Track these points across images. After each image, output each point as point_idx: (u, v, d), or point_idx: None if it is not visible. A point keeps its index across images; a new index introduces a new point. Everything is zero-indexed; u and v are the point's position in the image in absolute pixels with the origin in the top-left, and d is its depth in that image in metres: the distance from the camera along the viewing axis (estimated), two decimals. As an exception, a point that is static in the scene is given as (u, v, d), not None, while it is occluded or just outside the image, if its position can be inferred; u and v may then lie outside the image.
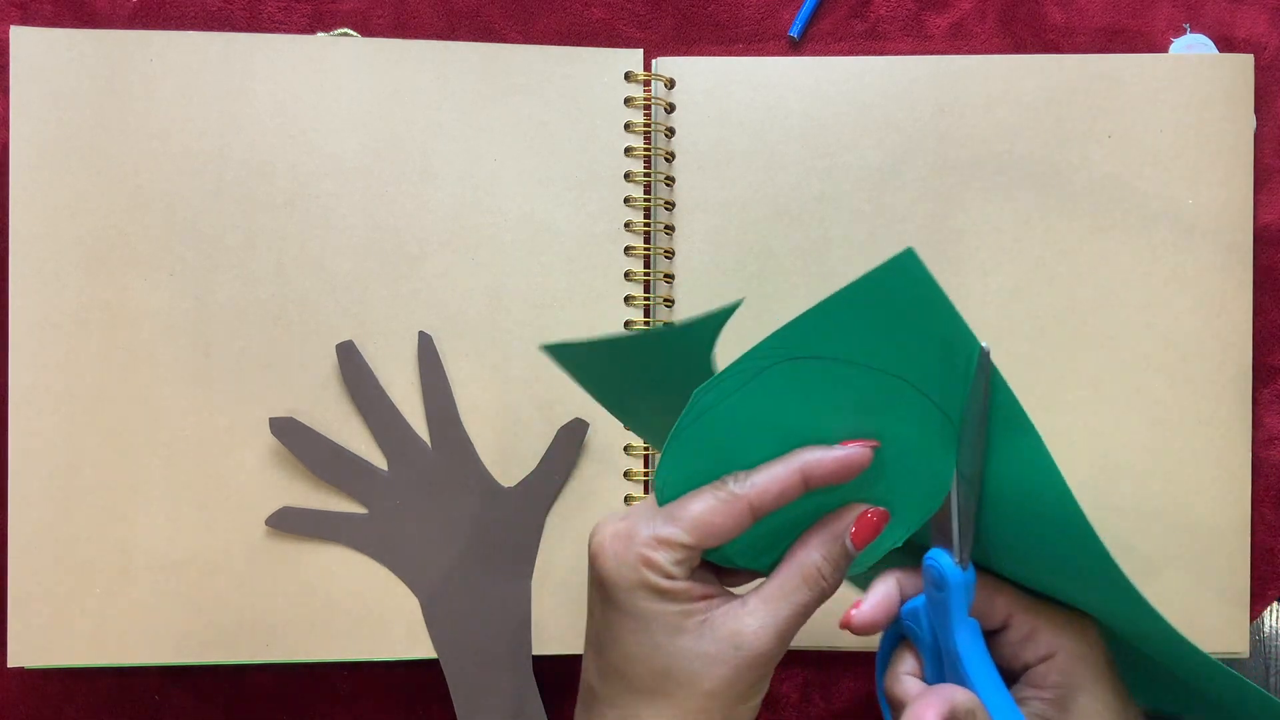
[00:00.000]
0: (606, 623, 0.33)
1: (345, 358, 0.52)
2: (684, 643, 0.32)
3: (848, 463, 0.32)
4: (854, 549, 0.34)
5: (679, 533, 0.32)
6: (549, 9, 0.56)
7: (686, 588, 0.32)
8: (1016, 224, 0.54)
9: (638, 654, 0.32)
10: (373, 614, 0.53)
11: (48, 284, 0.52)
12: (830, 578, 0.34)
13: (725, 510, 0.32)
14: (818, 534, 0.34)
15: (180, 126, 0.52)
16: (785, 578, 0.33)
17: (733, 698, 0.32)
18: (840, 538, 0.34)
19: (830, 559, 0.34)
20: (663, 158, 0.54)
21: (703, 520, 0.32)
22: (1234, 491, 0.53)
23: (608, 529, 0.33)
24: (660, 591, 0.32)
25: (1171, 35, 0.56)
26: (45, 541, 0.51)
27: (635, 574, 0.32)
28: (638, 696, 0.32)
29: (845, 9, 0.56)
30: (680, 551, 0.32)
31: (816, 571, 0.33)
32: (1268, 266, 0.55)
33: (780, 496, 0.32)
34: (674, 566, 0.32)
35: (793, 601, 0.33)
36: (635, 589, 0.32)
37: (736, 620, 0.32)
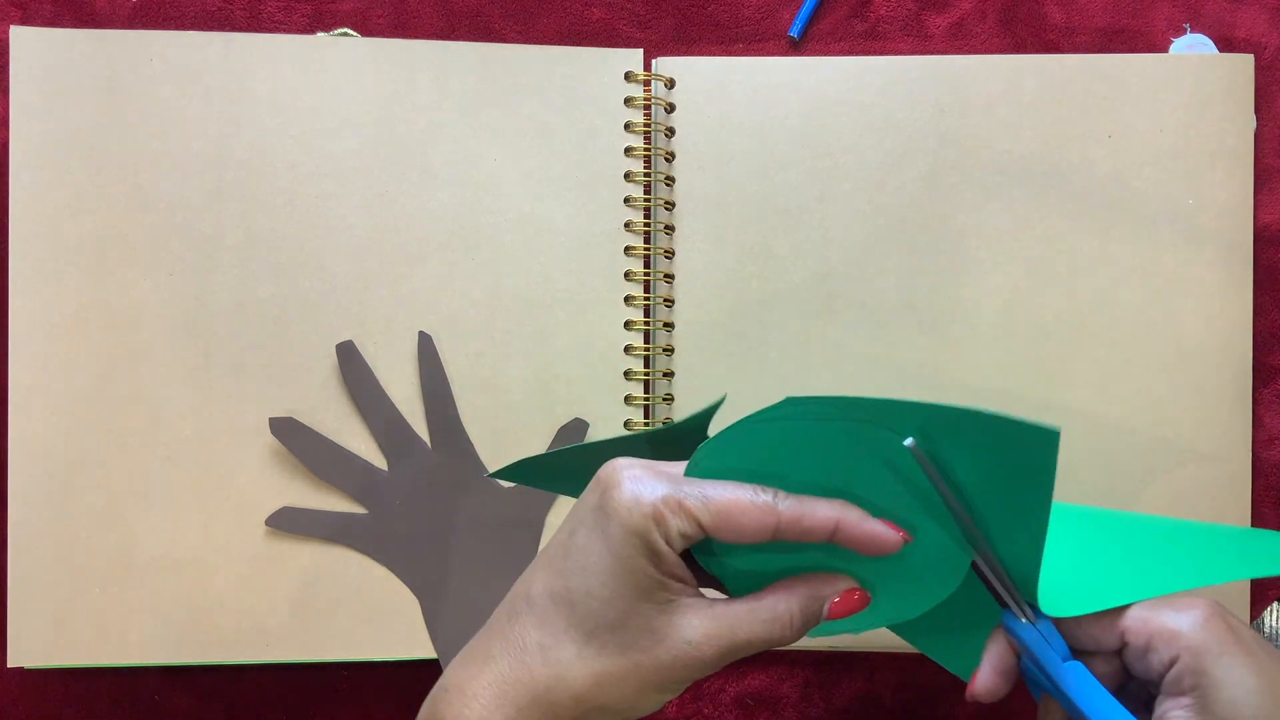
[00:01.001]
0: (586, 551, 0.32)
1: (345, 358, 0.52)
2: (644, 610, 0.31)
3: (879, 539, 0.32)
4: (826, 616, 0.33)
5: (701, 509, 0.31)
6: (549, 9, 0.56)
7: (675, 562, 0.32)
8: (1016, 224, 0.54)
9: (600, 595, 0.31)
10: (373, 614, 0.53)
11: (48, 284, 0.52)
12: (794, 630, 0.33)
13: (755, 515, 0.31)
14: (805, 586, 0.33)
15: (180, 126, 0.52)
16: (758, 608, 0.33)
17: (655, 683, 0.32)
18: (821, 600, 0.33)
19: (804, 614, 0.33)
20: (663, 158, 0.54)
21: (729, 512, 0.31)
22: (1234, 491, 0.53)
23: (633, 467, 0.32)
24: (654, 552, 0.31)
25: (1171, 35, 0.56)
26: (45, 541, 0.51)
27: (643, 522, 0.31)
28: (574, 631, 0.31)
29: (845, 9, 0.56)
30: (692, 526, 0.31)
31: (788, 618, 0.33)
32: (1268, 266, 0.55)
33: (807, 532, 0.32)
34: (679, 537, 0.31)
35: (752, 631, 0.32)
36: (633, 535, 0.31)
37: (697, 618, 0.32)
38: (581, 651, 0.31)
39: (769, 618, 0.32)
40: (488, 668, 0.32)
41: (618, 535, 0.31)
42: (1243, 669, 0.32)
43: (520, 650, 0.32)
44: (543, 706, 0.31)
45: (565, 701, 0.31)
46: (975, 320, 0.53)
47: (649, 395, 0.54)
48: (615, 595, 0.31)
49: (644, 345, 0.54)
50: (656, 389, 0.54)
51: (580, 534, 0.32)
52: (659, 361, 0.54)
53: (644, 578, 0.31)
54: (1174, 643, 0.33)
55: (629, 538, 0.31)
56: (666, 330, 0.54)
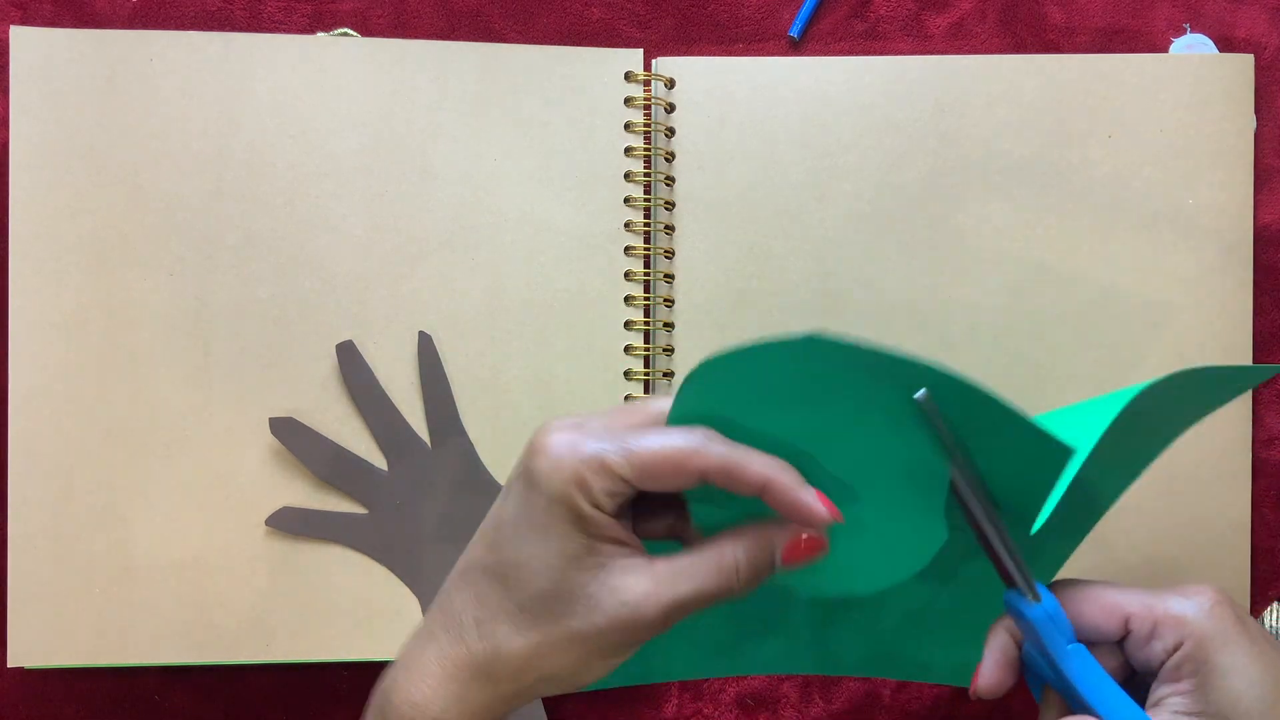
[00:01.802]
0: (515, 522, 0.31)
1: (345, 358, 0.52)
2: (576, 575, 0.30)
3: (807, 510, 0.31)
4: (780, 564, 0.32)
5: (621, 463, 0.30)
6: (549, 9, 0.56)
7: (605, 523, 0.31)
8: (1016, 224, 0.54)
9: (529, 565, 0.30)
10: (373, 614, 0.53)
11: (48, 284, 0.52)
12: (744, 579, 0.32)
13: (677, 461, 0.30)
14: (751, 533, 0.32)
15: (180, 126, 0.52)
16: (700, 560, 0.31)
17: (594, 649, 0.31)
18: (771, 547, 0.32)
19: (752, 562, 0.32)
20: (663, 158, 0.54)
21: (651, 461, 0.30)
22: (1234, 491, 0.53)
23: (556, 431, 0.31)
24: (579, 516, 0.30)
25: (1171, 35, 0.56)
26: (45, 541, 0.51)
27: (564, 488, 0.30)
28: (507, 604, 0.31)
29: (845, 9, 0.56)
30: (615, 483, 0.30)
31: (734, 567, 0.31)
32: (1268, 266, 0.55)
33: (735, 483, 0.30)
34: (604, 496, 0.30)
35: (696, 584, 0.31)
36: (557, 502, 0.30)
37: (634, 578, 0.30)
38: (516, 624, 0.31)
39: (713, 568, 0.31)
40: (431, 645, 0.32)
41: (541, 503, 0.30)
42: (1247, 658, 0.31)
43: (459, 627, 0.31)
44: (484, 680, 0.31)
45: (505, 674, 0.31)
46: (975, 320, 0.53)
47: (649, 395, 0.54)
48: (544, 565, 0.30)
49: (644, 345, 0.54)
50: (656, 389, 0.54)
51: (509, 503, 0.32)
52: (659, 361, 0.54)
53: (572, 544, 0.30)
54: (1180, 629, 0.32)
55: (552, 505, 0.30)
56: (666, 330, 0.54)
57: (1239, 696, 0.31)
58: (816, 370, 0.31)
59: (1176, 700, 0.32)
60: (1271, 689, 0.31)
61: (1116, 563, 0.53)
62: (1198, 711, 0.32)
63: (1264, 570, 0.55)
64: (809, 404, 0.32)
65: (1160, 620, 0.33)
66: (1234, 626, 0.32)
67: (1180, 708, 0.32)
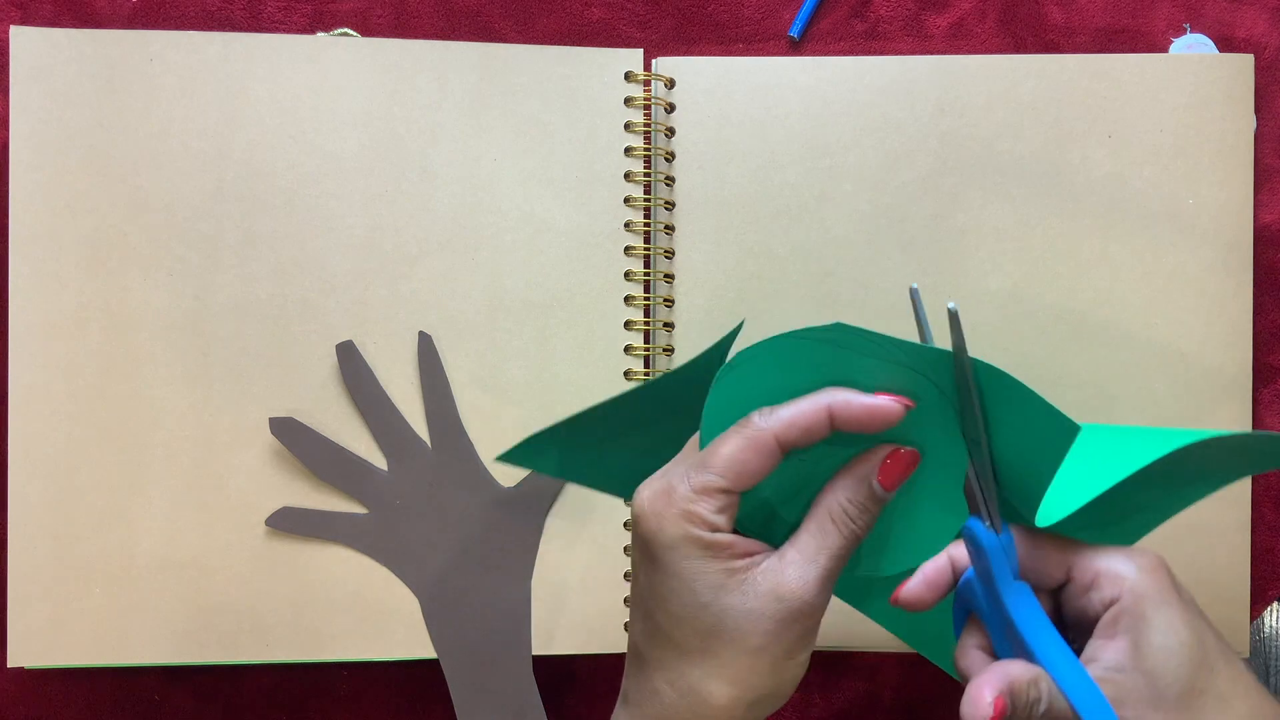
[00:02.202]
0: (651, 585, 0.33)
1: (345, 358, 0.52)
2: (729, 600, 0.32)
3: (877, 411, 0.32)
4: (882, 490, 0.33)
5: (714, 478, 0.32)
6: (549, 9, 0.56)
7: (730, 541, 0.32)
8: (1016, 224, 0.54)
9: (683, 615, 0.32)
10: (373, 614, 0.53)
11: (48, 284, 0.52)
12: (858, 519, 0.33)
13: (753, 445, 0.32)
14: (842, 477, 0.34)
15: (180, 126, 0.52)
16: (815, 525, 0.33)
17: (780, 653, 0.32)
18: (866, 479, 0.33)
19: (856, 501, 0.33)
20: (663, 158, 0.54)
21: (734, 460, 0.32)
22: (1234, 491, 0.53)
23: (646, 490, 0.33)
24: (704, 545, 0.32)
25: (1171, 35, 0.56)
26: (45, 541, 0.51)
27: (678, 529, 0.32)
28: (686, 657, 0.32)
29: (845, 9, 0.56)
30: (720, 498, 0.32)
31: (842, 513, 0.33)
32: (1268, 266, 0.55)
33: (806, 432, 0.32)
34: (715, 515, 0.32)
35: (827, 547, 0.33)
36: (679, 545, 0.32)
37: (777, 574, 0.32)
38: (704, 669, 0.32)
39: (829, 524, 0.33)
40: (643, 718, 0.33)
41: (666, 556, 0.32)
42: (1179, 621, 0.33)
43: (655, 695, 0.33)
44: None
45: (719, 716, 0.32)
46: (975, 320, 0.53)
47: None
48: (698, 607, 0.32)
49: (644, 345, 0.54)
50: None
51: (641, 574, 0.33)
52: (659, 361, 0.54)
53: (710, 575, 0.32)
54: (1118, 584, 0.33)
55: (675, 550, 0.32)
56: (666, 330, 0.54)
57: (1169, 655, 0.32)
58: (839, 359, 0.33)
59: (1109, 656, 0.33)
60: (1199, 651, 0.32)
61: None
62: (1128, 668, 0.32)
63: (1264, 570, 0.55)
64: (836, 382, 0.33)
65: (1102, 572, 0.34)
66: (1169, 590, 0.33)
67: (1112, 664, 0.33)
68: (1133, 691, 0.32)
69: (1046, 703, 0.32)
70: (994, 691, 0.31)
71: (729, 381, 0.34)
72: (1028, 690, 0.32)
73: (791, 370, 0.33)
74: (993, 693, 0.31)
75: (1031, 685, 0.32)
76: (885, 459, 0.34)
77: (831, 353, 0.33)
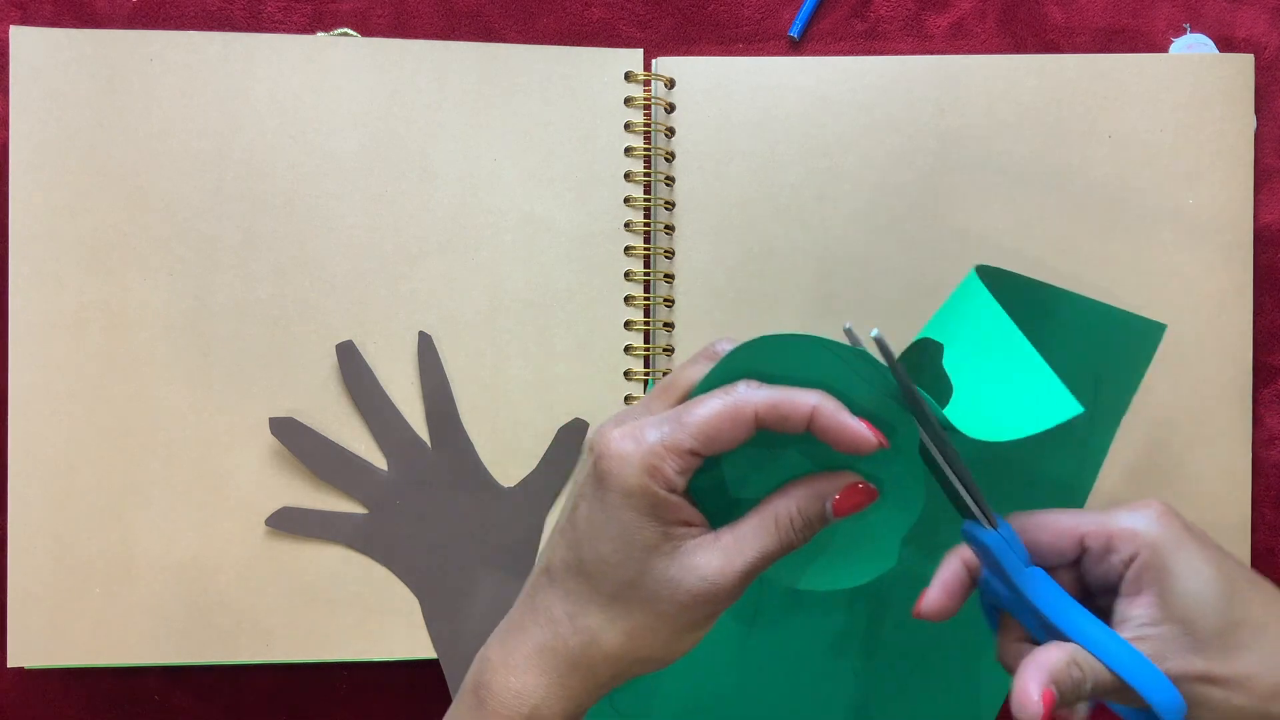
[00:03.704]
0: (590, 520, 0.33)
1: (345, 358, 0.52)
2: (656, 562, 0.32)
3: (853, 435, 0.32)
4: (831, 515, 0.34)
5: (687, 438, 0.32)
6: (549, 9, 0.56)
7: (679, 504, 0.32)
8: (1016, 224, 0.54)
9: (611, 559, 0.32)
10: (373, 614, 0.53)
11: (48, 284, 0.52)
12: (799, 532, 0.33)
13: (732, 414, 0.32)
14: (801, 486, 0.34)
15: (180, 126, 0.52)
16: (759, 523, 0.33)
17: (681, 626, 0.33)
18: (822, 497, 0.34)
19: (804, 513, 0.33)
20: (663, 157, 0.54)
21: (710, 424, 0.32)
22: (1234, 492, 0.53)
23: (617, 429, 0.33)
24: (656, 502, 0.32)
25: (1171, 35, 0.56)
26: (45, 541, 0.51)
27: (638, 479, 0.32)
28: (596, 598, 0.33)
29: (845, 9, 0.56)
30: (686, 459, 0.32)
31: (788, 520, 0.33)
32: (1268, 266, 0.55)
33: (785, 420, 0.32)
34: (677, 476, 0.32)
35: (761, 546, 0.33)
36: (634, 494, 0.32)
37: (707, 553, 0.32)
38: (608, 614, 0.32)
39: (772, 528, 0.33)
40: (525, 640, 0.33)
41: (616, 500, 0.32)
42: (1199, 560, 0.33)
43: (551, 622, 0.33)
44: (581, 670, 0.33)
45: (601, 662, 0.33)
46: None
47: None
48: (626, 557, 0.32)
49: (644, 345, 0.54)
50: (656, 389, 0.54)
51: (583, 506, 0.33)
52: (659, 361, 0.54)
53: (650, 533, 0.32)
54: (1134, 540, 0.34)
55: (628, 499, 0.32)
56: (666, 330, 0.54)
57: (1197, 598, 0.32)
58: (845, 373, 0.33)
59: (1139, 613, 0.33)
60: (1226, 585, 0.33)
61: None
62: (1161, 620, 0.33)
63: (1264, 570, 0.55)
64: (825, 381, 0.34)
65: (1114, 534, 0.34)
66: (1183, 532, 0.34)
67: (1144, 619, 0.33)
68: (1171, 642, 0.32)
69: (1091, 679, 0.32)
70: (1039, 686, 0.31)
71: (738, 357, 0.34)
72: (1069, 672, 0.32)
73: (798, 368, 0.34)
74: (1038, 688, 0.31)
75: (1071, 666, 0.32)
76: (847, 486, 0.34)
77: (840, 365, 0.33)
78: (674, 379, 0.35)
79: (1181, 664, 0.32)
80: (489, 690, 0.33)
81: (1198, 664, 0.32)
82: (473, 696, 0.34)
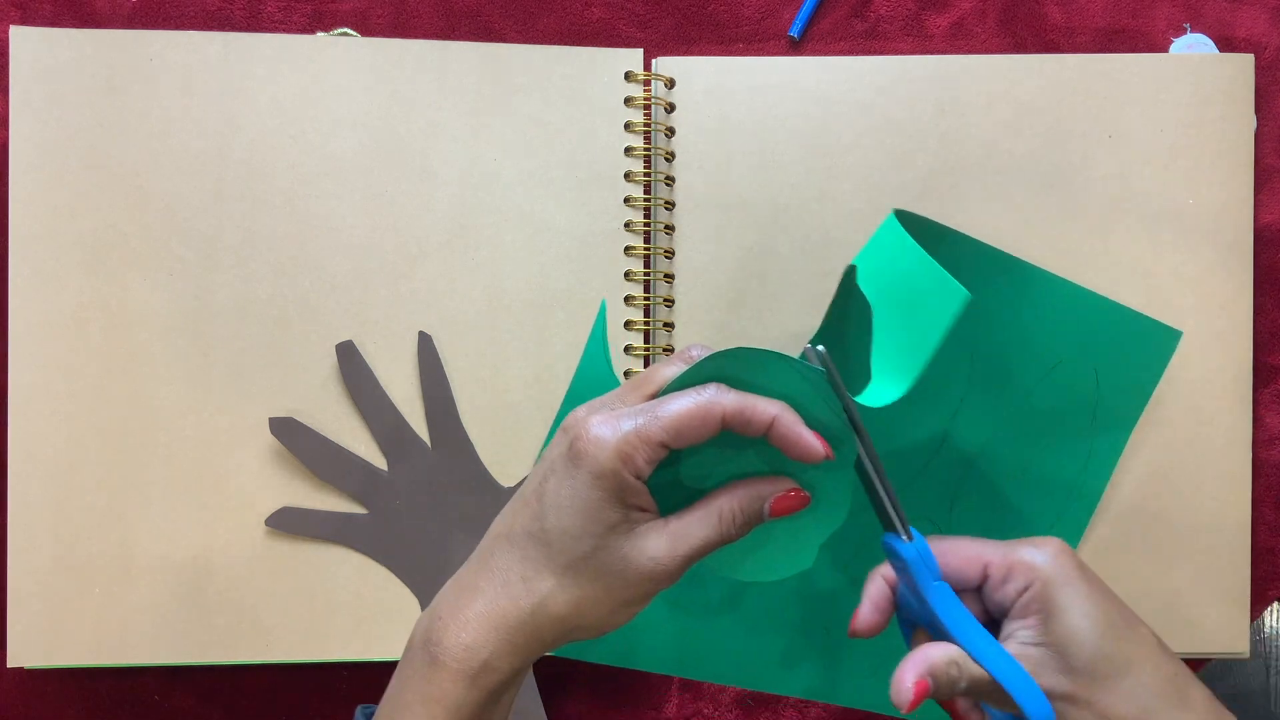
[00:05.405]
0: (559, 494, 0.35)
1: (345, 358, 0.52)
2: (613, 540, 0.35)
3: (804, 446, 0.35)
4: (768, 514, 0.37)
5: (659, 431, 0.34)
6: (549, 9, 0.56)
7: (641, 490, 0.35)
8: (1016, 224, 0.54)
9: (572, 532, 0.35)
10: (373, 614, 0.53)
11: (48, 284, 0.52)
12: (737, 527, 0.36)
13: (702, 414, 0.35)
14: (744, 486, 0.37)
15: (180, 126, 0.52)
16: (703, 514, 0.36)
17: (621, 600, 0.36)
18: (762, 498, 0.37)
19: (744, 510, 0.36)
20: (663, 157, 0.54)
21: (680, 420, 0.34)
22: (1234, 491, 0.53)
23: (596, 415, 0.36)
24: (622, 486, 0.34)
25: (1171, 35, 0.56)
26: (45, 541, 0.51)
27: (611, 463, 0.34)
28: (550, 565, 0.35)
29: (845, 9, 0.56)
30: (656, 450, 0.35)
31: (730, 515, 0.36)
32: (1268, 266, 0.55)
33: (747, 425, 0.35)
34: (645, 465, 0.35)
35: (703, 535, 0.36)
36: (604, 476, 0.34)
37: (656, 537, 0.35)
38: (561, 581, 0.35)
39: (714, 521, 0.36)
40: (477, 599, 0.36)
41: (587, 480, 0.34)
42: (1084, 598, 0.37)
43: (505, 583, 0.36)
44: (529, 630, 0.35)
45: (548, 624, 0.35)
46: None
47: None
48: (585, 532, 0.35)
49: (644, 345, 0.54)
50: (656, 389, 0.54)
51: (552, 480, 0.35)
52: (658, 361, 0.54)
53: (612, 514, 0.35)
54: (1030, 573, 0.38)
55: (599, 480, 0.34)
56: (666, 330, 0.54)
57: (1075, 628, 0.36)
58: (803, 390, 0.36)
59: (1024, 633, 0.37)
60: (1102, 621, 0.37)
61: (1116, 562, 0.53)
62: (1041, 642, 0.37)
63: (1264, 570, 0.55)
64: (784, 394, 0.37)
65: (1014, 565, 0.38)
66: (1075, 571, 0.38)
67: (1027, 639, 0.37)
68: (1046, 662, 0.36)
69: (966, 679, 0.36)
70: (915, 675, 0.35)
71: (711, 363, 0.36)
72: (947, 669, 0.36)
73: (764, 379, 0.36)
74: (913, 676, 0.35)
75: (950, 665, 0.36)
76: (785, 491, 0.37)
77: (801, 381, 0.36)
78: (649, 375, 0.38)
79: (1052, 681, 0.36)
80: (440, 646, 0.36)
81: (1065, 684, 0.36)
82: (423, 652, 0.36)
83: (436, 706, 0.36)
